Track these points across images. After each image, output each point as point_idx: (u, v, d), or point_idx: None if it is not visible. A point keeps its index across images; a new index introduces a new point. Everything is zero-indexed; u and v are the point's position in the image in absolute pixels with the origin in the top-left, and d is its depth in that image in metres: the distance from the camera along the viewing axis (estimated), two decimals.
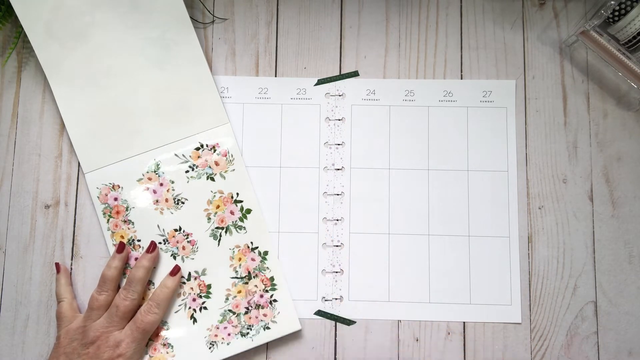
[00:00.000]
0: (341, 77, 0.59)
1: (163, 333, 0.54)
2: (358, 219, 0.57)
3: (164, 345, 0.54)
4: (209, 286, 0.55)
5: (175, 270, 0.54)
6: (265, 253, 0.56)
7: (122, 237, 0.55)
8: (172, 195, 0.56)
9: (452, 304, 0.55)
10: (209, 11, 0.59)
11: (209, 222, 0.56)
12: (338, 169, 0.57)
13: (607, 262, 0.55)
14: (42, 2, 0.55)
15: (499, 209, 0.56)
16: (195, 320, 0.54)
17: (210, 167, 0.56)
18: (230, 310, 0.55)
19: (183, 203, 0.56)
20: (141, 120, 0.56)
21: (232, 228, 0.56)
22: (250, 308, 0.55)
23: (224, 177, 0.56)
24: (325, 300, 0.55)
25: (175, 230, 0.56)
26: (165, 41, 0.57)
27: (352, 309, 0.55)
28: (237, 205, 0.56)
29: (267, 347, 0.55)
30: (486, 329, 0.55)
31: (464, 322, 0.55)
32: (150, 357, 0.53)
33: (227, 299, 0.55)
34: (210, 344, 0.54)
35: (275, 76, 0.59)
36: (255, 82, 0.58)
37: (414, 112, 0.58)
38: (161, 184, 0.56)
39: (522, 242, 0.56)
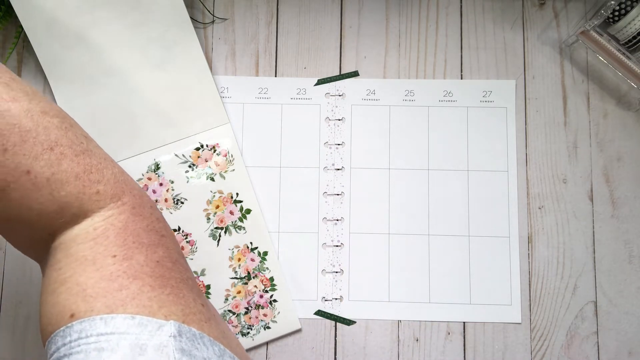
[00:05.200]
0: (341, 77, 0.59)
1: None
2: (358, 219, 0.56)
3: None
4: (208, 287, 0.55)
5: None
6: (265, 253, 0.56)
7: None
8: (172, 195, 0.56)
9: (452, 304, 0.55)
10: (209, 11, 0.59)
11: (208, 222, 0.56)
12: (338, 169, 0.57)
13: (607, 262, 0.55)
14: (42, 2, 0.55)
15: (499, 209, 0.56)
16: None
17: (210, 167, 0.57)
18: (230, 311, 0.55)
19: (182, 203, 0.56)
20: (141, 120, 0.56)
21: (231, 228, 0.56)
22: (250, 308, 0.55)
23: (224, 177, 0.56)
24: (325, 300, 0.55)
25: (175, 230, 0.56)
26: (165, 41, 0.57)
27: (352, 309, 0.55)
28: (236, 206, 0.56)
29: (267, 347, 0.55)
30: (486, 329, 0.55)
31: (464, 322, 0.55)
32: None
33: (226, 299, 0.55)
34: None
35: (275, 76, 0.59)
36: (255, 82, 0.58)
37: (414, 112, 0.58)
38: (161, 184, 0.56)
39: (522, 242, 0.56)
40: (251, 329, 0.54)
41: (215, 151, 0.57)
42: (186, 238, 0.56)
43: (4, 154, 0.30)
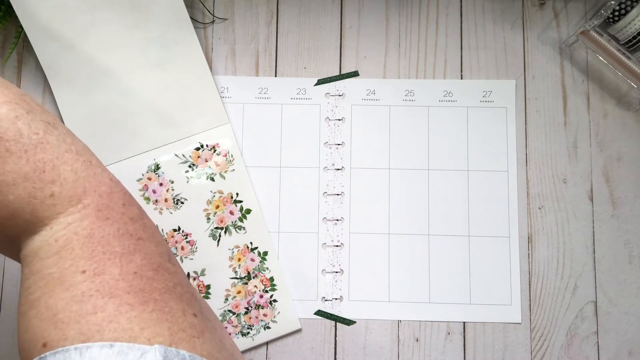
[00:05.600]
0: (341, 77, 0.59)
1: None
2: (358, 219, 0.56)
3: None
4: (208, 287, 0.55)
5: None
6: (265, 253, 0.56)
7: None
8: (172, 195, 0.56)
9: (452, 304, 0.55)
10: (209, 11, 0.59)
11: (208, 222, 0.56)
12: (338, 169, 0.57)
13: (607, 262, 0.55)
14: (42, 2, 0.55)
15: (499, 209, 0.56)
16: None
17: (210, 167, 0.57)
18: (230, 311, 0.55)
19: (182, 203, 0.56)
20: (141, 120, 0.56)
21: (231, 228, 0.56)
22: (250, 308, 0.55)
23: (224, 177, 0.56)
24: (325, 300, 0.55)
25: (174, 230, 0.56)
26: (165, 41, 0.57)
27: (352, 309, 0.55)
28: (236, 206, 0.56)
29: (267, 347, 0.55)
30: (486, 329, 0.55)
31: (464, 322, 0.55)
32: None
33: (226, 299, 0.55)
34: None
35: (275, 76, 0.59)
36: (255, 82, 0.58)
37: (414, 112, 0.58)
38: (161, 184, 0.56)
39: (522, 242, 0.56)
40: (251, 329, 0.54)
41: (215, 151, 0.57)
42: (186, 238, 0.56)
43: None
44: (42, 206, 0.28)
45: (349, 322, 0.55)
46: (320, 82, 0.58)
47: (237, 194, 0.56)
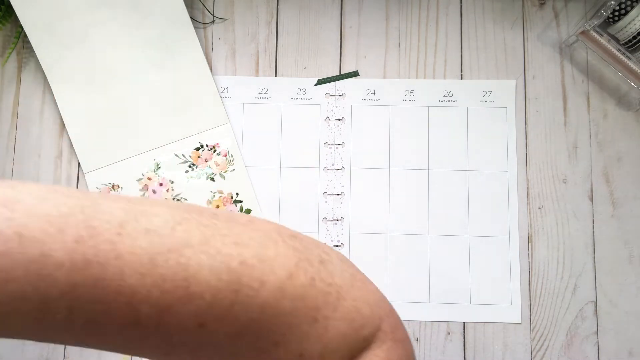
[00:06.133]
0: (341, 77, 0.59)
1: None
2: (358, 219, 0.56)
3: None
4: None
5: None
6: None
7: None
8: (172, 195, 0.56)
9: (452, 304, 0.55)
10: (209, 11, 0.59)
11: None
12: (338, 169, 0.57)
13: (607, 262, 0.55)
14: (42, 2, 0.55)
15: (499, 209, 0.56)
16: None
17: (210, 167, 0.57)
18: None
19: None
20: (141, 120, 0.56)
21: None
22: None
23: (224, 177, 0.56)
24: None
25: None
26: (165, 41, 0.57)
27: None
28: (236, 206, 0.56)
29: None
30: (486, 329, 0.55)
31: (464, 322, 0.55)
32: None
33: None
34: None
35: (275, 76, 0.59)
36: (255, 82, 0.58)
37: (414, 112, 0.58)
38: (161, 184, 0.56)
39: (522, 242, 0.56)
40: None
41: (215, 151, 0.57)
42: None
43: (276, 349, 0.25)
44: (356, 350, 0.27)
45: None
46: (320, 82, 0.58)
47: (237, 194, 0.56)
